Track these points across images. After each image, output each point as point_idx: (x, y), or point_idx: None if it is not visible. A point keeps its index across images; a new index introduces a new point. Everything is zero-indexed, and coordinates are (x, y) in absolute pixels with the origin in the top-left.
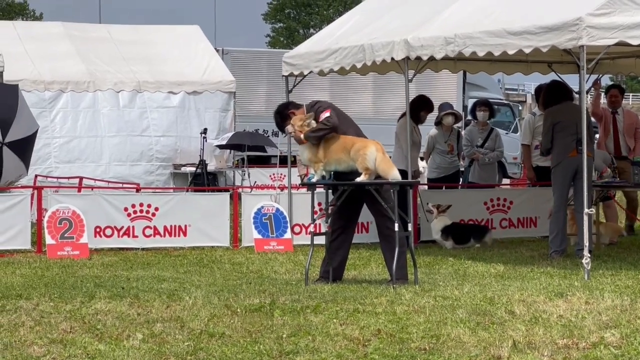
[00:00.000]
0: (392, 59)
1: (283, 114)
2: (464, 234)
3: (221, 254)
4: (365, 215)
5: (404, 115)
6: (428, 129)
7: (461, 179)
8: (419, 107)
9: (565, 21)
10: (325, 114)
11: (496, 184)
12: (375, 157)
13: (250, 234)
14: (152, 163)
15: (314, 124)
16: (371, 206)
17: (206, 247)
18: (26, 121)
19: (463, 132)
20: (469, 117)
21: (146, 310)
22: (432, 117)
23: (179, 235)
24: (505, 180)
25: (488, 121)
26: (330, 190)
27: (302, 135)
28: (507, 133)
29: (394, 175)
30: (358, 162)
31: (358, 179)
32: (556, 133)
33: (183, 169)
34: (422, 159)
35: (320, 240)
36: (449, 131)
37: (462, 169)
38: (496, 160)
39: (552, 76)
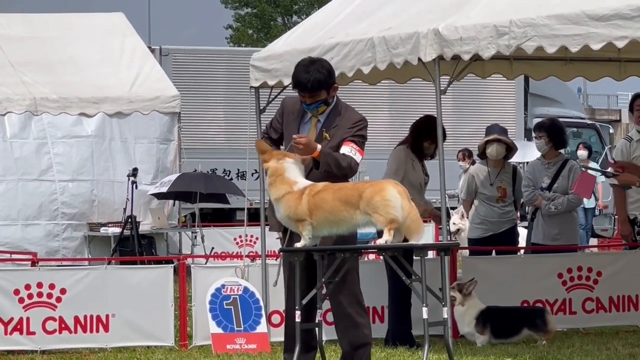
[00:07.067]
0: (419, 59)
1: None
2: (508, 322)
3: (162, 359)
4: (379, 298)
5: (401, 144)
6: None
7: (522, 239)
8: (421, 133)
9: None
10: (356, 153)
11: (576, 246)
12: (401, 203)
13: (205, 327)
14: (57, 222)
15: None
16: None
17: (139, 347)
18: None
19: (524, 169)
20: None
21: None
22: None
23: (97, 331)
24: (592, 241)
25: (562, 151)
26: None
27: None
28: None
29: (422, 234)
30: (376, 215)
31: (380, 240)
32: None
33: (103, 230)
34: (453, 209)
35: None
36: (499, 167)
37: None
38: (570, 209)
39: None
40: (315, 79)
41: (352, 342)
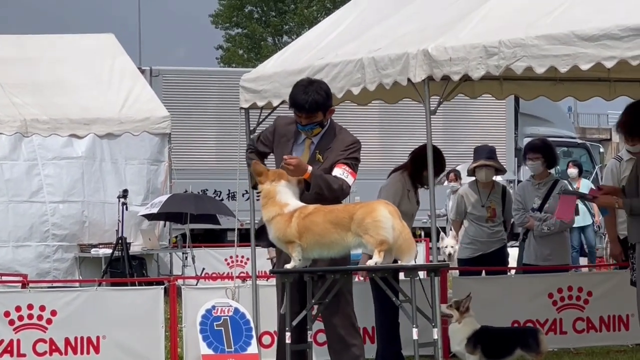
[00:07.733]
0: (409, 80)
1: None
2: (501, 342)
3: None
4: (369, 318)
5: (399, 169)
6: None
7: (512, 259)
8: (421, 161)
9: None
10: (348, 175)
11: (567, 266)
12: (392, 223)
13: (196, 349)
14: (47, 243)
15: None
16: (332, 299)
17: None
18: None
19: (514, 189)
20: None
21: None
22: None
23: (88, 352)
24: (582, 261)
25: (551, 171)
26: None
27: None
28: None
29: (414, 255)
30: (367, 237)
31: (370, 262)
32: None
33: (93, 251)
34: (442, 229)
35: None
36: (489, 188)
37: (517, 243)
38: (562, 229)
39: None
40: (313, 100)
41: None
